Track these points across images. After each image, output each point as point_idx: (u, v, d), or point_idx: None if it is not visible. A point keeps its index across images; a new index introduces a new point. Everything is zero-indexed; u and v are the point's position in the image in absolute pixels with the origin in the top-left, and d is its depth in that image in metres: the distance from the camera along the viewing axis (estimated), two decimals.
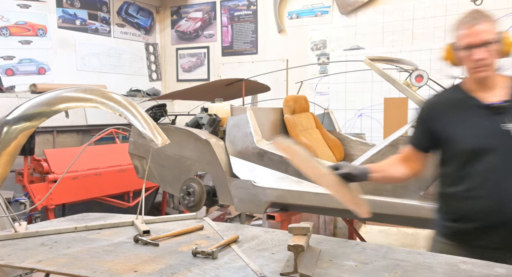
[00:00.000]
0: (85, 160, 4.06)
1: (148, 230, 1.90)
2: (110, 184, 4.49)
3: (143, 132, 1.85)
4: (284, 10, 5.76)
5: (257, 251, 1.65)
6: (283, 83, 5.63)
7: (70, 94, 1.91)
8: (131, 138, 3.86)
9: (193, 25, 6.55)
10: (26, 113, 1.84)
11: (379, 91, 5.02)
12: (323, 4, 5.49)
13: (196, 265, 1.51)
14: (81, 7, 5.73)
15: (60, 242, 1.80)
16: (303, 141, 3.43)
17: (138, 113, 1.88)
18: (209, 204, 3.39)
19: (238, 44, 6.18)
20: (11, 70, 5.00)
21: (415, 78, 2.92)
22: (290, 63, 5.67)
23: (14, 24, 5.02)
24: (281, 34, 5.81)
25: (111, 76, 6.03)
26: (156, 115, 3.72)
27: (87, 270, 1.45)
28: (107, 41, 6.06)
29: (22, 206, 3.75)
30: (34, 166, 4.10)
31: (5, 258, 1.59)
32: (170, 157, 3.51)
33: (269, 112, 3.59)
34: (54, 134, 4.93)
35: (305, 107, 3.87)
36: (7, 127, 1.80)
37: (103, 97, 1.89)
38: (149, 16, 6.70)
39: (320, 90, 5.53)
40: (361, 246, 1.70)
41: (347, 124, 5.36)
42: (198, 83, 4.34)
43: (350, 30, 5.34)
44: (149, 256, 1.60)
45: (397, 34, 5.03)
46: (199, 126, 3.54)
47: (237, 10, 6.15)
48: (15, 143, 1.79)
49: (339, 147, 3.84)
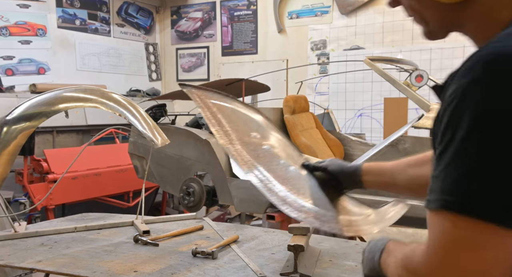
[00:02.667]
0: (85, 160, 4.05)
1: (148, 230, 1.90)
2: (110, 184, 4.48)
3: (143, 132, 1.84)
4: (284, 10, 5.76)
5: (257, 251, 1.65)
6: (283, 83, 5.63)
7: (70, 94, 1.91)
8: (131, 138, 3.85)
9: (193, 25, 6.54)
10: (26, 113, 1.84)
11: (379, 91, 5.02)
12: (323, 4, 5.49)
13: (196, 265, 1.51)
14: (81, 7, 5.73)
15: (60, 242, 1.80)
16: (303, 141, 3.43)
17: (138, 113, 1.88)
18: (209, 204, 3.39)
19: (238, 44, 6.18)
20: (10, 70, 4.99)
21: (415, 78, 2.92)
22: (290, 63, 5.67)
23: (14, 24, 5.02)
24: (281, 34, 5.81)
25: (111, 76, 6.03)
26: (156, 115, 3.72)
27: (86, 270, 1.45)
28: (107, 41, 6.06)
29: (22, 206, 3.75)
30: (34, 166, 4.10)
31: (5, 258, 1.59)
32: (170, 157, 3.51)
33: (269, 112, 3.59)
34: (54, 134, 4.92)
35: (305, 107, 3.88)
36: (7, 127, 1.80)
37: (103, 97, 1.89)
38: (149, 16, 6.70)
39: (320, 90, 5.53)
40: (361, 246, 1.70)
41: (347, 124, 5.36)
42: (198, 83, 4.33)
43: (350, 30, 5.34)
44: (149, 256, 1.60)
45: (397, 34, 5.03)
46: (199, 126, 3.53)
47: (237, 10, 6.15)
48: (15, 143, 1.79)
49: (339, 147, 3.84)
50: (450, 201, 0.60)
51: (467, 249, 0.59)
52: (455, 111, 0.62)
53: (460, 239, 0.60)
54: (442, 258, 0.61)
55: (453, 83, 0.64)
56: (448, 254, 0.61)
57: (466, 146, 0.59)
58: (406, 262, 0.70)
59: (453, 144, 0.61)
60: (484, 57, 0.61)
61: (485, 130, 0.58)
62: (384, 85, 4.67)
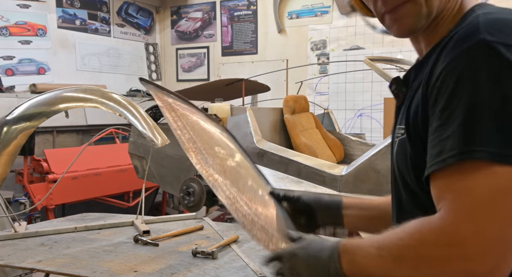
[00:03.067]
0: (85, 160, 4.05)
1: (148, 230, 1.90)
2: (110, 184, 4.48)
3: (143, 132, 1.85)
4: (284, 10, 5.76)
5: (257, 251, 1.65)
6: (283, 83, 5.63)
7: (70, 94, 1.91)
8: (131, 138, 3.86)
9: (193, 25, 6.54)
10: (26, 113, 1.84)
11: (379, 91, 5.02)
12: (323, 4, 5.49)
13: (196, 265, 1.51)
14: (81, 7, 5.73)
15: (60, 242, 1.80)
16: (303, 141, 3.43)
17: (138, 113, 1.88)
18: (209, 204, 3.39)
19: (238, 44, 6.18)
20: (11, 70, 4.99)
21: None
22: (290, 63, 5.67)
23: (14, 24, 5.02)
24: (281, 34, 5.81)
25: (111, 76, 6.03)
26: (156, 115, 3.71)
27: (87, 270, 1.45)
28: (107, 41, 6.06)
29: (22, 206, 3.75)
30: (34, 166, 4.10)
31: (5, 258, 1.59)
32: (170, 157, 3.51)
33: (269, 112, 3.59)
34: (54, 134, 4.92)
35: (305, 107, 3.88)
36: (7, 127, 1.80)
37: (103, 97, 1.89)
38: (149, 16, 6.70)
39: (320, 90, 5.53)
40: None
41: (347, 124, 5.36)
42: (198, 83, 4.34)
43: (350, 30, 5.34)
44: (149, 256, 1.60)
45: None
46: None
47: (237, 10, 6.15)
48: (15, 143, 1.79)
49: (339, 147, 3.84)
50: (487, 151, 0.62)
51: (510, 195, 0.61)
52: (463, 73, 0.65)
53: (505, 186, 0.61)
54: (484, 209, 0.61)
55: (445, 53, 0.69)
56: (491, 203, 0.61)
57: (492, 101, 0.62)
58: (432, 236, 0.64)
59: (470, 103, 0.63)
60: (481, 23, 0.68)
61: (506, 83, 0.62)
62: (384, 85, 4.67)
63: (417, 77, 0.79)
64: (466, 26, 0.70)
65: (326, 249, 0.78)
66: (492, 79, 0.63)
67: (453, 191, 0.64)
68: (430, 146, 0.68)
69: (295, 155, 2.99)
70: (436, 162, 0.66)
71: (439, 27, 0.79)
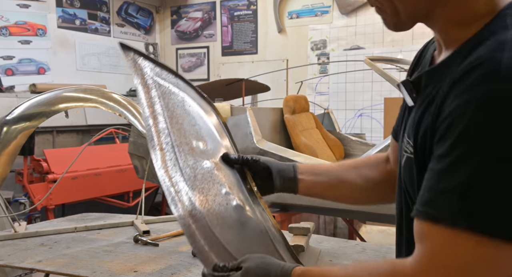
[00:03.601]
0: (85, 160, 4.05)
1: (148, 230, 1.90)
2: (110, 184, 4.48)
3: (143, 132, 1.84)
4: (284, 10, 5.76)
5: None
6: (283, 83, 5.63)
7: (70, 94, 1.91)
8: (131, 138, 3.85)
9: (193, 25, 6.54)
10: (26, 113, 1.83)
11: (379, 91, 5.02)
12: (323, 4, 5.49)
13: (196, 265, 1.50)
14: (81, 7, 5.73)
15: (60, 242, 1.80)
16: (303, 141, 3.43)
17: (138, 113, 1.88)
18: None
19: (238, 44, 6.18)
20: (10, 70, 4.99)
21: None
22: (290, 63, 5.67)
23: (14, 24, 5.02)
24: (281, 34, 5.81)
25: (111, 76, 6.03)
26: None
27: (86, 270, 1.45)
28: (107, 41, 6.06)
29: (22, 206, 3.75)
30: (33, 166, 4.10)
31: (5, 258, 1.59)
32: None
33: (269, 112, 3.59)
34: (54, 134, 4.92)
35: (305, 107, 3.87)
36: (6, 127, 1.79)
37: (103, 97, 1.89)
38: (149, 16, 6.70)
39: (320, 90, 5.53)
40: (361, 246, 1.70)
41: (347, 124, 5.36)
42: (198, 83, 4.34)
43: (350, 30, 5.34)
44: (149, 256, 1.60)
45: (397, 34, 5.03)
46: None
47: (237, 10, 6.15)
48: (14, 143, 1.79)
49: (339, 147, 3.84)
50: (481, 223, 0.58)
51: (487, 269, 0.58)
52: (469, 127, 0.59)
53: (483, 259, 0.58)
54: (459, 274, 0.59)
55: (457, 91, 0.62)
56: (465, 272, 0.59)
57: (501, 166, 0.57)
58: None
59: (474, 162, 0.58)
60: (498, 71, 0.59)
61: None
62: (384, 85, 4.68)
63: (431, 83, 0.72)
64: (487, 58, 0.61)
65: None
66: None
67: (430, 242, 0.62)
68: (424, 184, 0.64)
69: (295, 155, 2.99)
70: (423, 211, 0.63)
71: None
